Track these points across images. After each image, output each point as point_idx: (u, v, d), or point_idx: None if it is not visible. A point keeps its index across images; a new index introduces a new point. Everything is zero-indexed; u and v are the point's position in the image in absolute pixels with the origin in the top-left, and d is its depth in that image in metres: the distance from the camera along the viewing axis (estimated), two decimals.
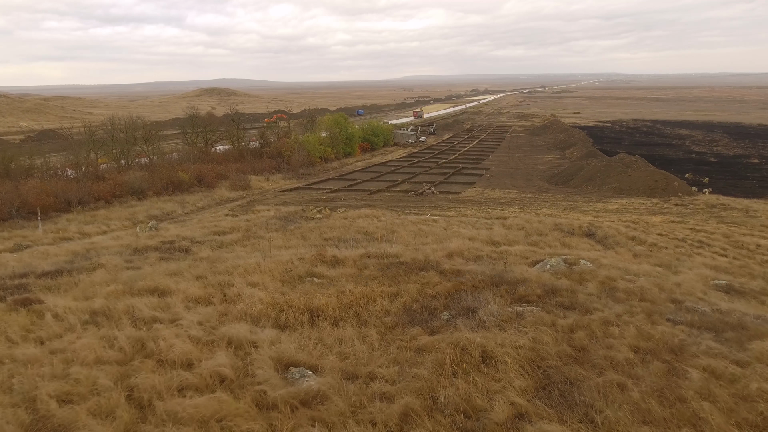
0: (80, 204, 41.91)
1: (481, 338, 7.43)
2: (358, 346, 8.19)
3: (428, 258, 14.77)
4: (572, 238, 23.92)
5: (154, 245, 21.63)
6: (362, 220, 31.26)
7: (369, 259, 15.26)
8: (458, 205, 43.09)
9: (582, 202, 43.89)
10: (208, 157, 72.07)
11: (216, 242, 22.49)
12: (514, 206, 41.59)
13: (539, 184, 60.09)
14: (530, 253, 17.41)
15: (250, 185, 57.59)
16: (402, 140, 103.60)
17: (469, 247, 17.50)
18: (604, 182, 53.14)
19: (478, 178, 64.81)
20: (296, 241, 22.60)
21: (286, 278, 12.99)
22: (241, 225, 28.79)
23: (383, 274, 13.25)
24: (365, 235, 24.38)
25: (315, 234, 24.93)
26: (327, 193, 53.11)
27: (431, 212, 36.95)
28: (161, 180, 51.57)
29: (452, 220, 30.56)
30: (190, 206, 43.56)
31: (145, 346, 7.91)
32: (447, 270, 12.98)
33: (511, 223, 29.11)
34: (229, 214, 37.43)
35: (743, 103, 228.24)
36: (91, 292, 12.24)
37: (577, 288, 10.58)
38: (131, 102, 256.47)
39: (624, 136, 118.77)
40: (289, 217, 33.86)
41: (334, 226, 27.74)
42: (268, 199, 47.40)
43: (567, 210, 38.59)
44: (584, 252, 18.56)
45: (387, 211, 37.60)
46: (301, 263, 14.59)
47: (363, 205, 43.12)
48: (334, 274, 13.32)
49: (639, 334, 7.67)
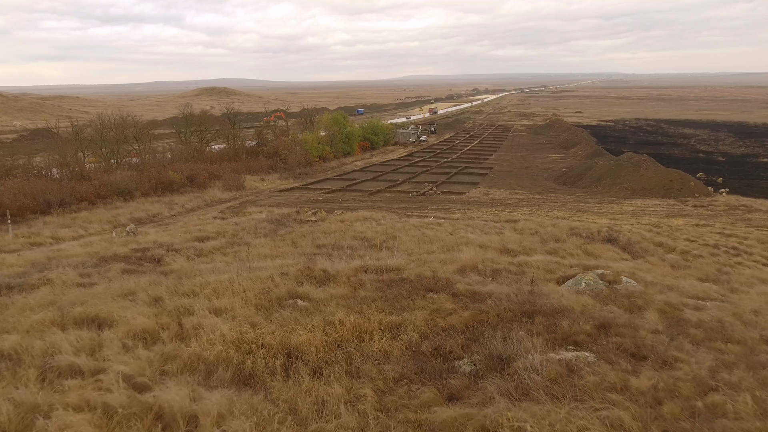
0: (61, 205, 39.38)
1: (530, 420, 4.93)
2: (346, 418, 5.70)
3: (436, 274, 12.28)
4: (593, 244, 21.41)
5: (124, 254, 19.13)
6: (360, 223, 28.75)
7: (366, 275, 12.78)
8: (463, 206, 40.59)
9: (594, 203, 41.38)
10: (203, 157, 69.70)
11: (195, 250, 19.99)
12: (522, 208, 39.10)
13: (546, 184, 57.60)
14: (553, 265, 14.91)
15: (244, 185, 55.12)
16: (402, 139, 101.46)
17: (483, 258, 15.01)
18: (614, 182, 50.65)
19: (482, 177, 62.35)
20: (285, 248, 20.10)
21: (262, 301, 10.49)
22: (227, 229, 26.28)
23: (382, 295, 10.76)
24: (363, 241, 21.89)
25: (307, 240, 22.43)
26: (324, 194, 50.64)
27: (434, 214, 34.44)
28: (150, 180, 49.08)
29: (458, 224, 28.05)
30: (178, 208, 41.06)
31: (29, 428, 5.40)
32: (461, 291, 10.49)
33: (523, 227, 26.59)
34: (218, 216, 34.92)
35: (745, 103, 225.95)
36: (14, 321, 9.74)
37: (636, 322, 8.09)
38: (130, 101, 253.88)
39: (627, 135, 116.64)
40: (282, 220, 31.37)
41: (329, 230, 25.24)
42: (261, 200, 44.92)
43: (579, 212, 36.09)
44: (614, 263, 16.06)
45: (387, 214, 35.11)
46: (284, 280, 12.10)
47: (361, 207, 40.64)
48: (322, 296, 10.82)
49: (759, 409, 5.20)
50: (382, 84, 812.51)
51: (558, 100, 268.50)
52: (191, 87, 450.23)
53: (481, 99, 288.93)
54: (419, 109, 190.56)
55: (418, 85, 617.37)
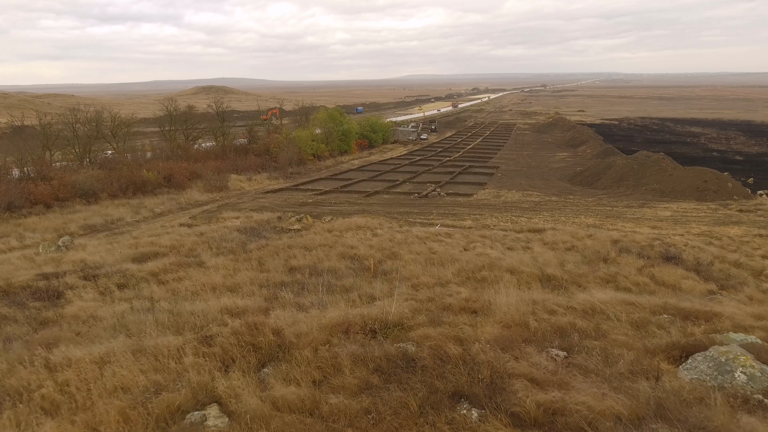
0: (9, 209, 34.18)
1: None
2: None
3: (467, 347, 7.08)
4: (659, 267, 16.26)
5: (23, 282, 13.92)
6: (352, 233, 23.52)
7: (346, 343, 7.57)
8: (473, 210, 35.36)
9: (622, 207, 36.18)
10: (187, 155, 64.58)
11: (123, 276, 14.77)
12: (541, 212, 33.88)
13: (560, 184, 52.40)
14: (635, 311, 9.66)
15: (228, 186, 49.95)
16: (402, 137, 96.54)
17: (529, 301, 9.79)
18: (639, 183, 45.44)
19: (489, 177, 57.17)
20: (246, 273, 14.88)
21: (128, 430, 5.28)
22: (185, 242, 21.03)
23: (373, 407, 5.57)
24: (352, 261, 16.69)
25: (280, 259, 17.21)
26: (315, 195, 45.44)
27: (441, 221, 29.16)
28: (121, 180, 43.84)
29: (472, 234, 22.83)
30: (145, 212, 35.80)
31: None
32: (528, 410, 5.29)
33: (554, 239, 21.40)
34: (186, 223, 29.64)
35: (749, 102, 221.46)
36: None
37: None
38: (128, 100, 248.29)
39: (634, 133, 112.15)
40: (258, 228, 26.16)
41: (312, 244, 20.02)
42: (243, 203, 39.69)
43: (610, 218, 30.88)
44: (718, 306, 10.86)
45: (385, 220, 29.91)
46: (200, 360, 6.89)
47: (356, 211, 35.43)
48: (256, 405, 5.64)
49: None
50: (381, 83, 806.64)
51: (559, 99, 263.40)
52: (191, 86, 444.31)
53: (486, 97, 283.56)
54: (419, 108, 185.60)
55: (417, 85, 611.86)
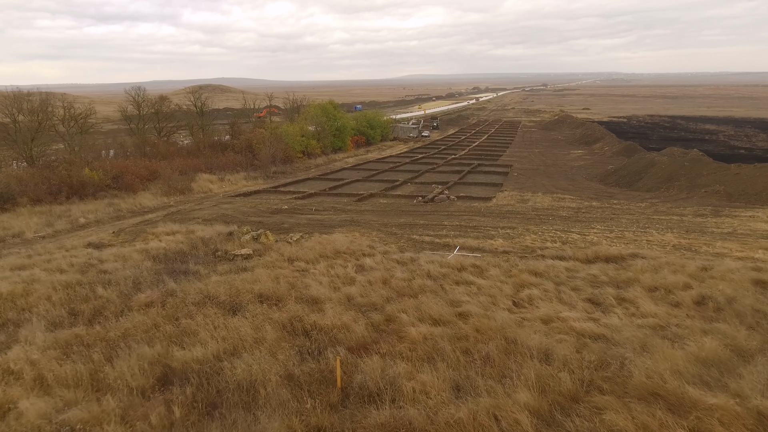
0: None
1: None
2: None
3: None
4: None
5: None
6: (325, 265, 14.88)
7: None
8: (498, 221, 26.69)
9: (691, 216, 27.58)
10: (157, 152, 56.09)
11: None
12: (591, 223, 25.24)
13: (592, 185, 43.81)
14: None
15: (192, 188, 41.29)
16: (402, 134, 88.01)
17: None
18: (694, 183, 36.93)
19: (504, 177, 48.54)
20: (69, 395, 6.30)
21: None
22: (35, 289, 12.42)
23: None
24: (306, 340, 8.03)
25: (157, 344, 8.60)
26: (296, 199, 36.78)
27: (460, 241, 20.44)
28: (51, 181, 35.25)
29: (515, 269, 14.20)
30: (64, 223, 27.13)
31: None
32: None
33: (654, 280, 12.81)
34: (98, 242, 20.94)
35: (755, 100, 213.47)
36: None
37: None
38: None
39: (646, 131, 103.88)
40: (191, 253, 17.53)
41: (249, 291, 11.46)
42: (199, 211, 31.02)
43: (693, 233, 22.31)
44: None
45: (379, 238, 21.26)
46: None
47: (342, 221, 26.79)
48: None
49: None
50: (381, 83, 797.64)
51: (561, 98, 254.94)
52: (190, 85, 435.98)
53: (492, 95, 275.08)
54: (418, 107, 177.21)
55: (417, 84, 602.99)
